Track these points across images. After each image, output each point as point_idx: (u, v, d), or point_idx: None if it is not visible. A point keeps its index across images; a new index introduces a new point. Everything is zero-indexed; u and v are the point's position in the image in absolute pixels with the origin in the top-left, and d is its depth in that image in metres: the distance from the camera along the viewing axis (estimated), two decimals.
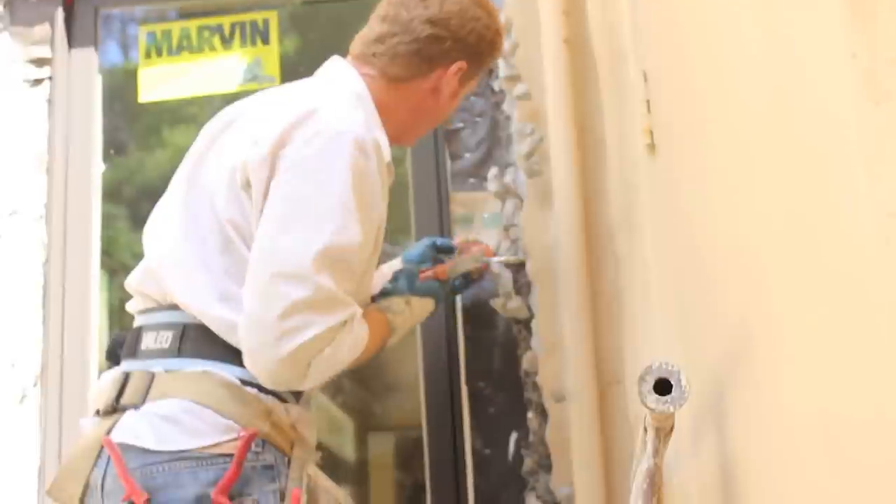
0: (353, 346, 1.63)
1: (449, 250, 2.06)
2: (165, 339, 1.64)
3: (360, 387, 3.71)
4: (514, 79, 2.32)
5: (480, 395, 2.22)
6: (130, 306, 1.77)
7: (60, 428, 2.42)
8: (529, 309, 2.24)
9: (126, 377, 1.63)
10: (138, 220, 3.38)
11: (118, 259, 3.41)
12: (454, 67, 1.84)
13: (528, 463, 2.18)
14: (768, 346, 1.05)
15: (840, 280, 0.82)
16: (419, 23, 1.81)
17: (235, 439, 1.54)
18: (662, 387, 1.18)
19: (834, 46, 0.77)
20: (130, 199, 3.46)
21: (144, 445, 1.54)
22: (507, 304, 2.23)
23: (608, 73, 2.14)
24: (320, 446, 1.75)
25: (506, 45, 2.33)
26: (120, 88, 2.98)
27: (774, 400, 1.03)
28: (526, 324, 2.24)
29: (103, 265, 2.67)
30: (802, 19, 0.86)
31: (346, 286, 1.60)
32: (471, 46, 1.86)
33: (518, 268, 2.26)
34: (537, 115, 2.29)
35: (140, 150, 3.56)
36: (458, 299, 2.26)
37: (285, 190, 1.60)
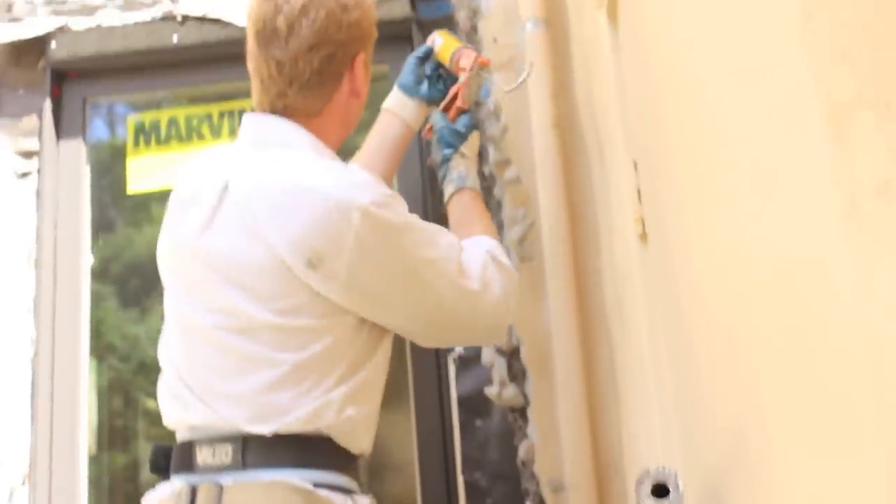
0: (487, 250, 1.77)
1: (429, 55, 2.06)
2: (225, 453, 1.59)
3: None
4: (504, 164, 2.31)
5: (477, 485, 2.19)
6: (168, 422, 1.70)
7: None
8: (525, 396, 2.21)
9: (193, 490, 1.57)
10: (127, 299, 3.36)
11: (106, 340, 3.38)
12: (357, 62, 1.80)
13: None
14: (763, 448, 1.04)
15: (829, 394, 0.82)
16: (303, 55, 1.74)
17: None
18: (660, 490, 1.22)
19: (817, 172, 0.79)
20: (118, 277, 3.44)
21: None
22: (502, 393, 2.20)
23: (597, 156, 2.14)
24: None
25: (495, 129, 2.34)
26: (107, 164, 2.96)
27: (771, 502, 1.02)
28: (521, 412, 2.21)
29: (92, 349, 2.64)
30: (786, 144, 0.86)
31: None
32: (357, 38, 1.81)
33: (512, 355, 2.23)
34: (528, 200, 2.29)
35: (128, 227, 3.54)
36: (453, 390, 2.23)
37: (386, 289, 1.64)
